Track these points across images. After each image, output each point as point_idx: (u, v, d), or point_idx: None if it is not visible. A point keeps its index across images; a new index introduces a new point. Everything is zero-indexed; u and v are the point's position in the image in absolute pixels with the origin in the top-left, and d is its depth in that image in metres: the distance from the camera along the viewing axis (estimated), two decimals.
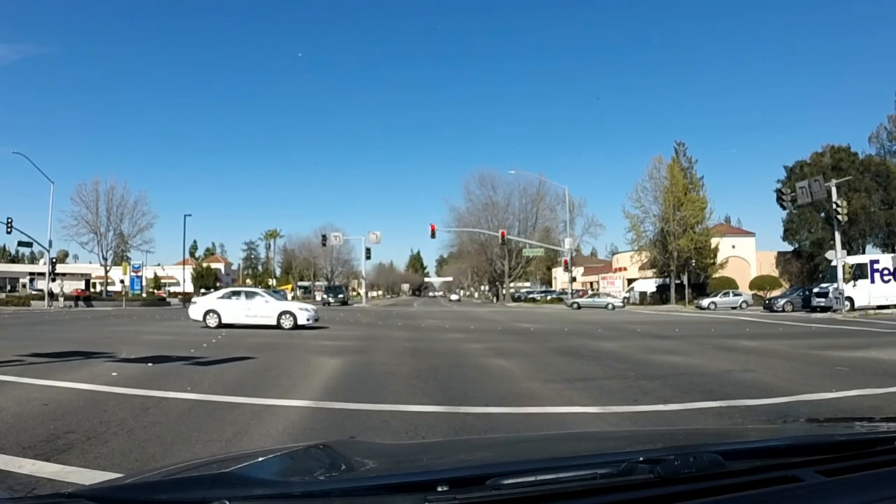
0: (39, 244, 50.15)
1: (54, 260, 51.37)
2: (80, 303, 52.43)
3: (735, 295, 44.06)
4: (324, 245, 55.67)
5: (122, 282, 56.21)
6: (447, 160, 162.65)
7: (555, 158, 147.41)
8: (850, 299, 30.12)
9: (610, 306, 44.35)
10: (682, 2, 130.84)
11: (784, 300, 34.66)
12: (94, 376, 8.83)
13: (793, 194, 33.02)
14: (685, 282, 49.48)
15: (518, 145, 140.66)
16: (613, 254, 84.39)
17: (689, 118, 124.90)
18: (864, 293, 30.89)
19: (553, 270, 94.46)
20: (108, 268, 58.72)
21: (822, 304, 31.39)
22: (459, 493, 1.19)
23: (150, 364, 10.26)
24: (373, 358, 11.80)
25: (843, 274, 29.51)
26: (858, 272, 31.25)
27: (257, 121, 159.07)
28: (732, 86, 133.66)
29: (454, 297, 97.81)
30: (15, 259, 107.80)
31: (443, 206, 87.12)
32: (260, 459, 1.57)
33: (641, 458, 1.34)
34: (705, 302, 42.20)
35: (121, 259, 60.23)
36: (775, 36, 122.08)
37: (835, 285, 30.03)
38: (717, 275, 55.09)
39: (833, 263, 31.19)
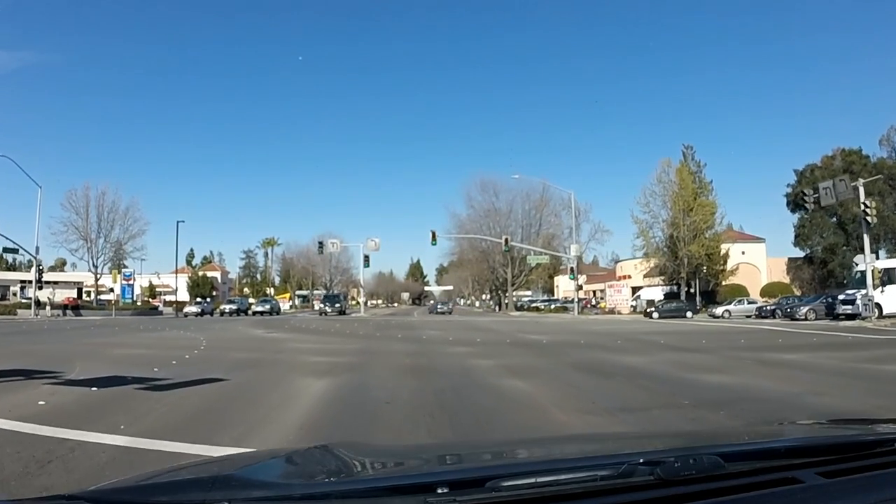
0: (25, 250, 48.53)
1: (41, 267, 49.52)
2: (69, 312, 50.78)
3: (749, 303, 42.22)
4: (320, 252, 53.75)
5: (111, 290, 54.34)
6: (448, 168, 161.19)
7: (557, 164, 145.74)
8: (879, 306, 28.28)
9: None
10: (682, 5, 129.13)
11: (806, 308, 32.80)
12: (15, 406, 7.04)
13: (816, 195, 31.22)
14: (696, 289, 47.65)
15: (520, 151, 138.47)
16: (616, 262, 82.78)
17: (691, 123, 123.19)
18: (893, 299, 29.04)
19: (555, 279, 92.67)
20: (98, 275, 56.88)
21: (849, 312, 29.53)
22: (459, 494, 1.18)
23: (94, 389, 8.45)
24: (367, 379, 9.99)
25: (872, 279, 27.65)
26: (886, 277, 29.39)
27: (257, 128, 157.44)
28: (734, 89, 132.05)
29: (441, 307, 75.55)
30: (14, 267, 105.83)
31: (443, 214, 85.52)
32: (260, 461, 1.61)
33: (642, 460, 1.33)
34: (719, 310, 40.37)
35: (118, 267, 58.66)
36: (779, 38, 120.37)
37: (863, 291, 28.18)
38: (726, 282, 53.43)
39: (860, 268, 29.39)
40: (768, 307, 38.35)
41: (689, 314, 41.35)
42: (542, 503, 1.20)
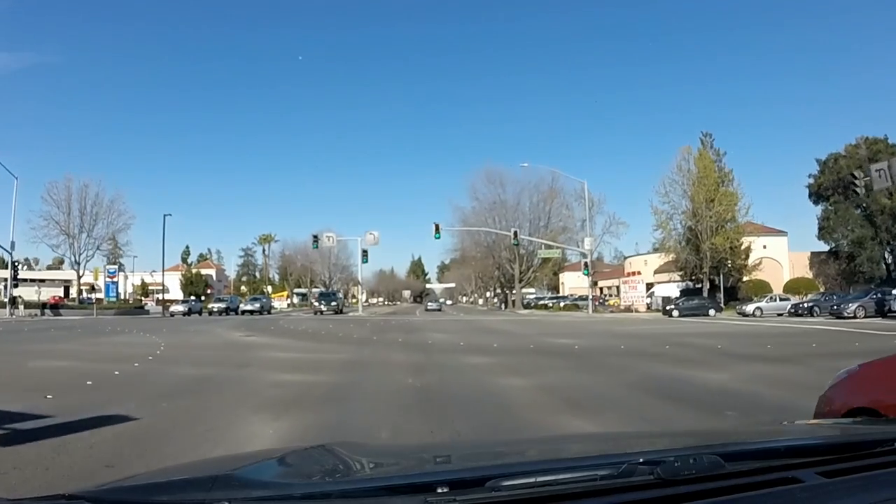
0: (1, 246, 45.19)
1: (17, 263, 46.32)
2: (48, 311, 47.57)
3: (782, 299, 38.81)
4: (315, 246, 50.01)
5: (92, 287, 50.92)
6: (451, 163, 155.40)
7: (566, 158, 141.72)
8: None
9: None
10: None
11: (855, 304, 29.49)
12: None
13: (866, 178, 27.87)
14: (720, 285, 44.30)
15: (528, 142, 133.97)
16: (625, 258, 79.37)
17: (704, 113, 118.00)
18: None
19: (560, 276, 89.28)
20: (81, 273, 53.53)
21: None
22: (459, 494, 1.17)
23: None
24: (350, 418, 6.61)
25: None
26: None
27: (256, 123, 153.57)
28: (750, 77, 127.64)
29: (432, 305, 77.63)
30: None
31: (446, 209, 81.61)
32: (260, 461, 1.56)
33: (641, 460, 1.31)
34: (750, 307, 36.96)
35: (114, 263, 55.46)
36: (795, 25, 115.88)
37: None
38: (747, 277, 50.10)
39: None
40: (805, 304, 35.03)
41: (711, 312, 38.22)
42: (542, 503, 1.19)
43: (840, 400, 3.18)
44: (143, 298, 76.80)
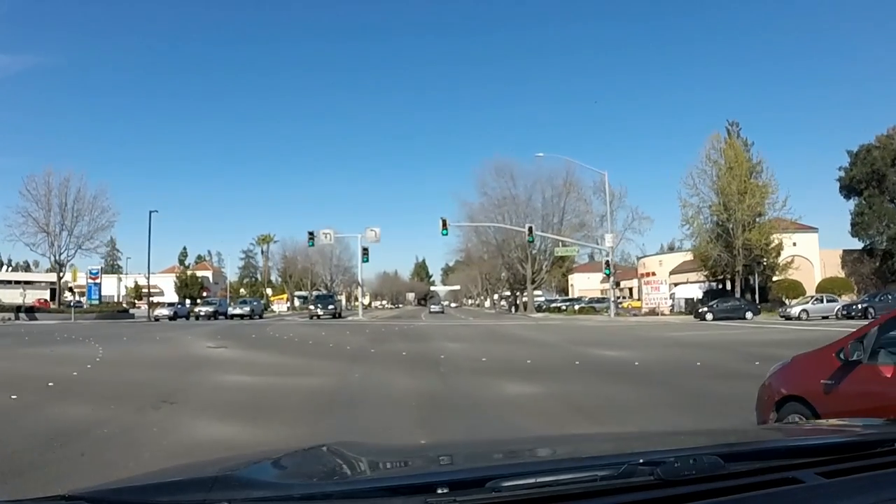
0: None
1: None
2: (23, 315, 43.98)
3: (829, 300, 35.01)
4: (311, 244, 45.94)
5: (71, 289, 47.23)
6: (457, 163, 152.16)
7: (578, 153, 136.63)
8: None
9: None
10: None
11: None
12: None
13: None
14: (755, 285, 40.47)
15: (534, 147, 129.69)
16: (638, 258, 75.65)
17: (722, 104, 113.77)
18: None
19: (569, 277, 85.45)
20: (61, 274, 49.88)
21: None
22: (459, 495, 1.17)
23: None
24: None
25: None
26: None
27: (257, 123, 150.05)
28: (776, 66, 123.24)
29: (434, 307, 78.30)
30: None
31: (452, 205, 77.74)
32: (260, 461, 1.54)
33: (641, 461, 1.30)
34: (795, 310, 33.14)
35: (111, 265, 52.00)
36: (819, 13, 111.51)
37: None
38: (777, 277, 46.33)
39: None
40: (859, 305, 31.25)
41: (748, 315, 34.59)
42: (542, 503, 1.18)
43: (776, 388, 3.90)
44: (136, 301, 73.54)
